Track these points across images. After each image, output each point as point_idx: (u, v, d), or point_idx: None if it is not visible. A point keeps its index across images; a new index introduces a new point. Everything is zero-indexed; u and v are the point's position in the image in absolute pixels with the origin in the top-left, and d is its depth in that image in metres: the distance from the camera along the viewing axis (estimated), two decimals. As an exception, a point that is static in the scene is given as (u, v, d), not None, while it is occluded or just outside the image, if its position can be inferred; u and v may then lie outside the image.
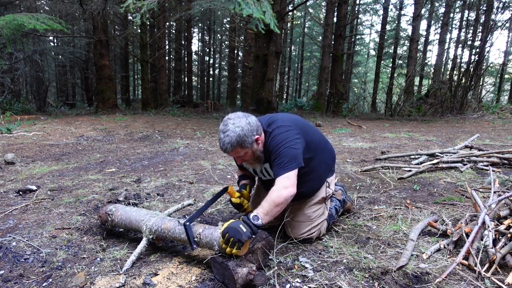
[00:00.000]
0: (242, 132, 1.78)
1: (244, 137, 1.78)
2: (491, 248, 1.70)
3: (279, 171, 1.80)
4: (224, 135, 1.78)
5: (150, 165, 4.38)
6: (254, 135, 1.82)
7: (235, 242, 1.56)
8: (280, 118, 1.96)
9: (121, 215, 2.09)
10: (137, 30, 14.80)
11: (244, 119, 1.83)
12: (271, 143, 1.86)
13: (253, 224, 1.65)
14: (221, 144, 1.80)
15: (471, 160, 3.87)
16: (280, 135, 1.85)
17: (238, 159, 1.91)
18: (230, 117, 1.84)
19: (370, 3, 20.96)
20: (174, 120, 9.96)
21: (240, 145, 1.79)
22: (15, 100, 12.38)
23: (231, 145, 1.78)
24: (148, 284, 1.64)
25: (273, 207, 1.72)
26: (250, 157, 1.89)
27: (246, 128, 1.80)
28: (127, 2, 6.39)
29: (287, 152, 1.81)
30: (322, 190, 2.13)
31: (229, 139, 1.77)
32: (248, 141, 1.80)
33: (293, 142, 1.84)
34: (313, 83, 29.20)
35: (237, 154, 1.85)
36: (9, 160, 4.37)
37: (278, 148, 1.83)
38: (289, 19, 17.08)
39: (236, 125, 1.79)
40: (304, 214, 2.08)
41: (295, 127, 1.91)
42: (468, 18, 15.33)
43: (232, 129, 1.78)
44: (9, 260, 1.89)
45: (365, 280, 1.67)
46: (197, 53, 30.40)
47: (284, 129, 1.87)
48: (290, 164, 1.79)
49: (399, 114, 12.23)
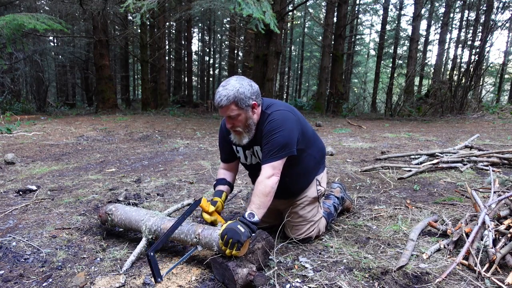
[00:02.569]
0: (241, 89, 1.74)
1: (242, 95, 1.74)
2: (491, 248, 1.70)
3: (266, 159, 1.78)
4: (223, 88, 1.74)
5: (150, 165, 4.38)
6: (252, 99, 1.79)
7: (234, 243, 1.56)
8: (279, 102, 1.94)
9: (121, 215, 2.08)
10: (137, 30, 14.81)
11: (247, 81, 1.80)
12: (267, 126, 1.81)
13: (251, 222, 1.66)
14: (217, 96, 1.75)
15: (471, 160, 3.87)
16: (278, 120, 1.80)
17: (229, 121, 1.82)
18: (235, 76, 1.82)
19: (370, 3, 20.95)
20: (174, 120, 9.96)
21: (236, 103, 1.74)
22: (15, 100, 12.38)
23: (227, 98, 1.72)
24: (148, 284, 1.64)
25: (263, 199, 1.73)
26: (241, 123, 1.81)
27: (247, 87, 1.77)
28: (127, 2, 6.39)
29: (280, 139, 1.77)
30: (313, 189, 2.09)
31: (227, 92, 1.73)
32: (245, 101, 1.76)
33: (287, 131, 1.80)
34: (313, 83, 29.19)
35: (230, 113, 1.77)
36: (9, 160, 4.37)
37: (272, 134, 1.78)
38: (289, 19, 17.08)
39: (238, 82, 1.76)
40: (299, 215, 2.07)
41: (293, 113, 1.89)
42: (468, 18, 15.34)
43: (233, 84, 1.75)
44: (9, 260, 1.89)
45: (365, 280, 1.67)
46: (197, 53, 30.39)
47: (283, 114, 1.83)
48: (279, 153, 1.77)
49: (399, 114, 12.23)
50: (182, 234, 1.80)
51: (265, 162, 1.78)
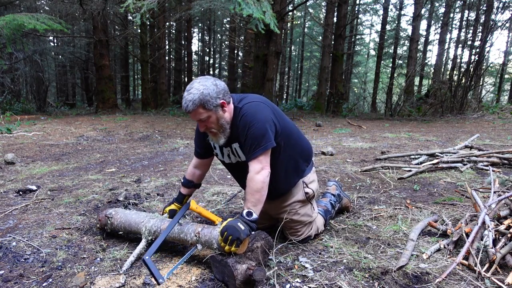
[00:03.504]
0: (206, 91, 1.69)
1: (207, 96, 1.69)
2: (491, 248, 1.70)
3: (250, 155, 1.75)
4: (187, 93, 1.70)
5: (150, 165, 4.38)
6: (219, 98, 1.73)
7: (233, 240, 1.57)
8: (251, 95, 1.89)
9: (121, 218, 2.08)
10: (137, 30, 14.80)
11: (211, 80, 1.74)
12: (242, 121, 1.77)
13: (249, 221, 1.66)
14: (183, 103, 1.71)
15: (471, 160, 3.87)
16: (250, 112, 1.76)
17: (201, 124, 1.78)
18: (199, 78, 1.76)
19: (370, 3, 20.96)
20: (174, 120, 9.96)
21: (203, 105, 1.70)
22: (15, 100, 12.38)
23: (193, 103, 1.68)
24: (148, 284, 1.64)
25: (257, 196, 1.71)
26: (213, 124, 1.77)
27: (211, 88, 1.71)
28: (127, 2, 6.39)
29: (256, 132, 1.72)
30: (300, 193, 2.04)
31: (192, 96, 1.68)
32: (211, 103, 1.70)
33: (263, 119, 1.75)
34: (313, 83, 29.19)
35: (200, 116, 1.73)
36: (9, 160, 4.37)
37: (248, 128, 1.74)
38: (289, 19, 17.07)
39: (201, 84, 1.71)
40: (294, 220, 2.06)
41: (266, 103, 1.84)
42: (468, 18, 15.34)
43: (196, 87, 1.70)
44: (9, 260, 1.89)
45: (365, 280, 1.67)
46: (197, 53, 30.38)
47: (255, 106, 1.79)
48: (260, 146, 1.72)
49: (399, 114, 12.23)
50: (182, 233, 1.81)
51: (250, 159, 1.75)
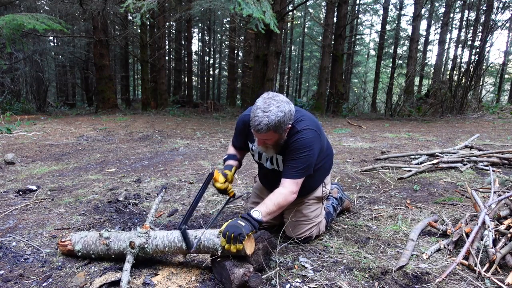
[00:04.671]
0: (283, 119, 1.70)
1: (282, 124, 1.71)
2: (491, 248, 1.70)
3: (292, 174, 1.81)
4: (263, 114, 1.67)
5: (150, 165, 4.38)
6: (289, 124, 1.78)
7: (236, 237, 1.55)
8: (308, 118, 1.91)
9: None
10: (137, 30, 14.79)
11: (288, 106, 1.73)
12: (297, 142, 1.82)
13: (252, 218, 1.66)
14: (256, 122, 1.69)
15: (471, 160, 3.87)
16: (307, 139, 1.82)
17: (261, 140, 1.82)
18: (274, 98, 1.73)
19: (370, 3, 20.95)
20: (174, 120, 9.96)
21: (275, 130, 1.72)
22: (15, 100, 12.37)
23: (268, 127, 1.68)
24: (148, 284, 1.64)
25: (277, 209, 1.76)
26: (272, 142, 1.82)
27: (287, 116, 1.72)
28: (127, 2, 6.39)
29: (307, 159, 1.82)
30: (318, 190, 2.14)
31: (268, 120, 1.67)
32: (282, 128, 1.74)
33: (314, 151, 1.85)
34: (313, 83, 29.19)
35: (266, 137, 1.77)
36: (9, 160, 4.37)
37: (300, 152, 1.81)
38: (289, 19, 17.07)
39: (280, 109, 1.69)
40: (303, 214, 2.08)
41: (319, 133, 1.90)
42: (468, 18, 15.33)
43: (275, 111, 1.68)
44: (9, 260, 1.89)
45: (365, 280, 1.67)
46: (197, 53, 30.38)
47: (312, 134, 1.84)
48: (304, 171, 1.82)
49: (399, 114, 12.23)
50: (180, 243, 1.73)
51: (288, 176, 1.81)
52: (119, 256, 1.80)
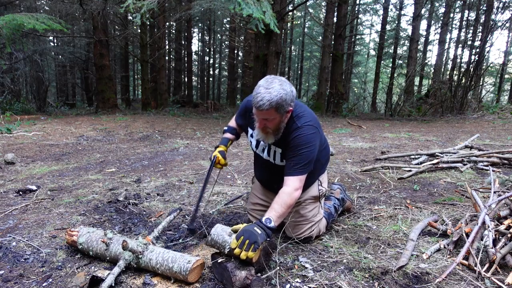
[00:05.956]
0: (285, 96, 1.70)
1: (284, 101, 1.70)
2: (491, 248, 1.70)
3: (295, 171, 1.81)
4: (266, 91, 1.68)
5: (150, 165, 4.38)
6: (290, 106, 1.77)
7: (251, 244, 1.53)
8: (308, 113, 1.92)
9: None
10: (137, 30, 14.79)
11: (290, 87, 1.75)
12: (298, 139, 1.82)
13: (266, 227, 1.66)
14: (258, 99, 1.69)
15: (471, 160, 3.87)
16: (308, 136, 1.83)
17: (262, 122, 1.80)
18: (276, 77, 1.75)
19: (370, 3, 20.91)
20: (174, 120, 9.96)
21: (276, 108, 1.71)
22: (15, 100, 12.36)
23: (270, 104, 1.68)
24: (148, 284, 1.64)
25: (285, 210, 1.76)
26: (273, 126, 1.81)
27: (289, 94, 1.73)
28: (127, 2, 6.39)
29: (308, 155, 1.82)
30: (314, 188, 2.12)
31: (270, 96, 1.67)
32: (284, 108, 1.73)
33: (315, 147, 1.85)
34: (313, 83, 29.18)
35: (268, 116, 1.75)
36: (9, 160, 4.37)
37: (302, 148, 1.81)
38: (289, 19, 17.07)
39: (283, 88, 1.71)
40: (301, 215, 2.08)
41: (319, 129, 1.91)
42: (468, 18, 15.32)
43: (277, 88, 1.69)
44: (9, 260, 1.89)
45: (365, 280, 1.67)
46: (197, 53, 30.37)
47: (313, 130, 1.85)
48: (306, 167, 1.83)
49: (399, 114, 12.22)
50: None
51: (292, 174, 1.81)
52: (113, 261, 1.77)
